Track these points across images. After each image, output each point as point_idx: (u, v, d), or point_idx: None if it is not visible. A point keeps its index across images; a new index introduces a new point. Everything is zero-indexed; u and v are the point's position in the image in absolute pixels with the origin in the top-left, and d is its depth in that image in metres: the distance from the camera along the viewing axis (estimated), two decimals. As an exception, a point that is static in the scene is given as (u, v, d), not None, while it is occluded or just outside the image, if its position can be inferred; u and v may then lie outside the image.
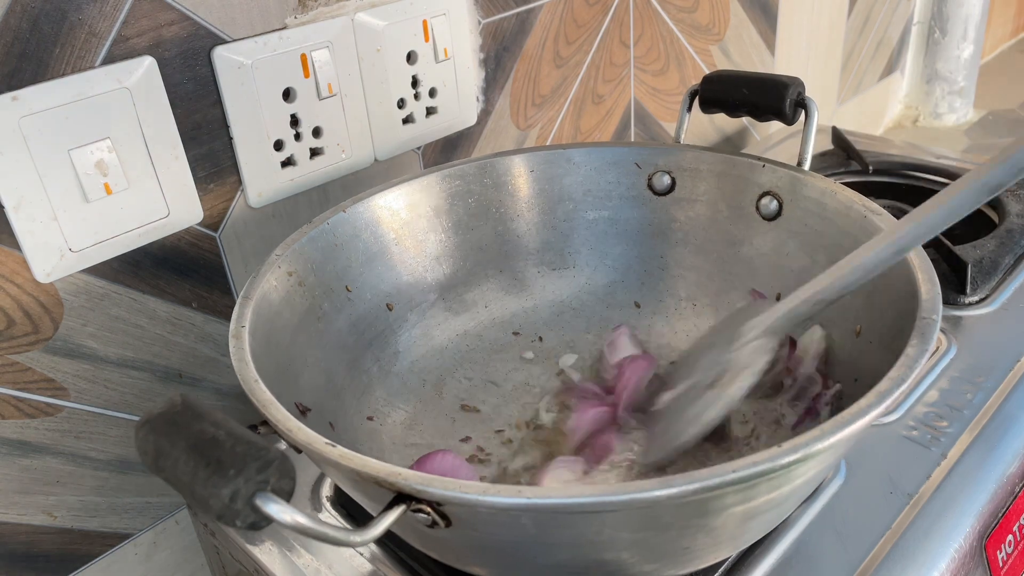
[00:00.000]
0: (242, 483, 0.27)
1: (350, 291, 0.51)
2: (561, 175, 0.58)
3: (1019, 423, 0.50)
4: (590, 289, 0.59)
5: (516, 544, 0.34)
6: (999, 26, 1.69)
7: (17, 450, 0.47)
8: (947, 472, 0.47)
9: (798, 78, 0.53)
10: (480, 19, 0.64)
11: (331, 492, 0.49)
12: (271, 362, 0.41)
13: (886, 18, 1.21)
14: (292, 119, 0.54)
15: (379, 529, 0.30)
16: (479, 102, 0.66)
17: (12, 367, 0.46)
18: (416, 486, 0.30)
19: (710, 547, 0.36)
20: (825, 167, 0.83)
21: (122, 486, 0.52)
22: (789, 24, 1.00)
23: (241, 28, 0.50)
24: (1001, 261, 0.64)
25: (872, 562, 0.42)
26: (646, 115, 0.85)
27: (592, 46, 0.75)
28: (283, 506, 0.28)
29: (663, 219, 0.58)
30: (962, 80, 1.34)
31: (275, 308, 0.45)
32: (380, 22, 0.56)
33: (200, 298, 0.53)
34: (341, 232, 0.51)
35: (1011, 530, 0.48)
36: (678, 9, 0.83)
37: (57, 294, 0.46)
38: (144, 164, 0.47)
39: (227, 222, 0.53)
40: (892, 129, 1.37)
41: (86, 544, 0.52)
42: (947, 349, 0.56)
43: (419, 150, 0.63)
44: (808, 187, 0.51)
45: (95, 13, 0.44)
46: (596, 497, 0.29)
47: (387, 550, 0.45)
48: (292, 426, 0.34)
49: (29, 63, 0.42)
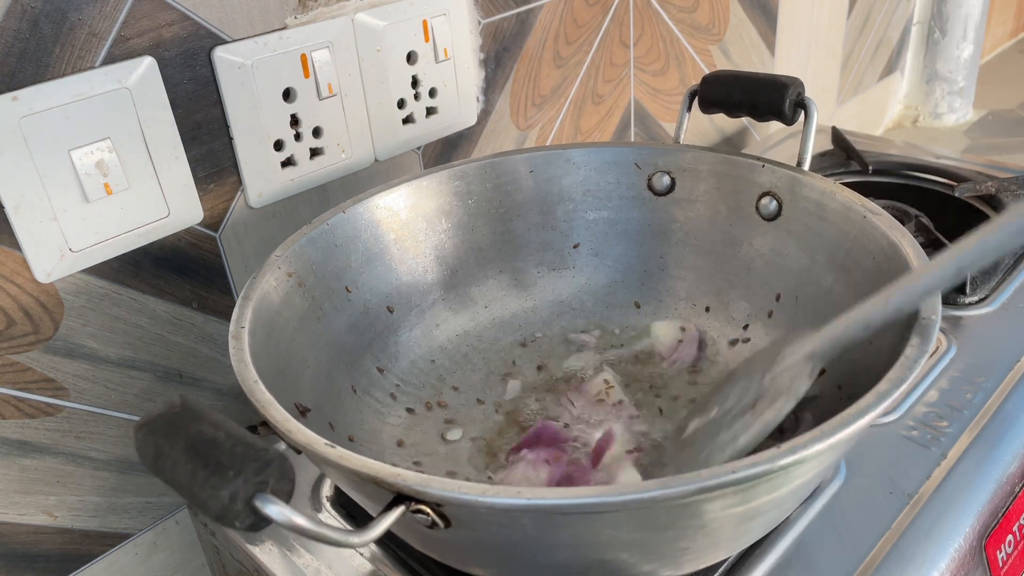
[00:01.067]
0: (241, 484, 0.27)
1: (350, 292, 0.51)
2: (561, 175, 0.58)
3: (1019, 423, 0.50)
4: (590, 289, 0.59)
5: (516, 544, 0.34)
6: (999, 26, 1.68)
7: (17, 450, 0.47)
8: (947, 472, 0.47)
9: (797, 78, 0.53)
10: (480, 19, 0.64)
11: (331, 492, 0.49)
12: (271, 363, 0.41)
13: (886, 18, 1.21)
14: (292, 119, 0.54)
15: (378, 530, 0.30)
16: (479, 102, 0.66)
17: (12, 367, 0.46)
18: (415, 487, 0.30)
19: (709, 547, 0.36)
20: (825, 167, 0.83)
21: (122, 486, 0.52)
22: (789, 24, 1.00)
23: (241, 28, 0.50)
24: (1001, 261, 0.64)
25: (872, 562, 0.42)
26: (646, 115, 0.85)
27: (592, 46, 0.75)
28: (282, 507, 0.28)
29: (663, 219, 0.58)
30: (962, 80, 1.34)
31: (275, 309, 0.45)
32: (380, 22, 0.56)
33: (200, 298, 0.53)
34: (341, 233, 0.51)
35: (1011, 530, 0.48)
36: (678, 9, 0.83)
37: (57, 294, 0.46)
38: (144, 164, 0.47)
39: (227, 222, 0.53)
40: (892, 129, 1.38)
41: (86, 544, 0.52)
42: (947, 349, 0.56)
43: (419, 150, 0.63)
44: (808, 187, 0.51)
45: (95, 13, 0.44)
46: (595, 498, 0.29)
47: (387, 550, 0.45)
48: (291, 427, 0.34)
49: (29, 63, 0.42)
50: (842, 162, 0.84)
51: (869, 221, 0.46)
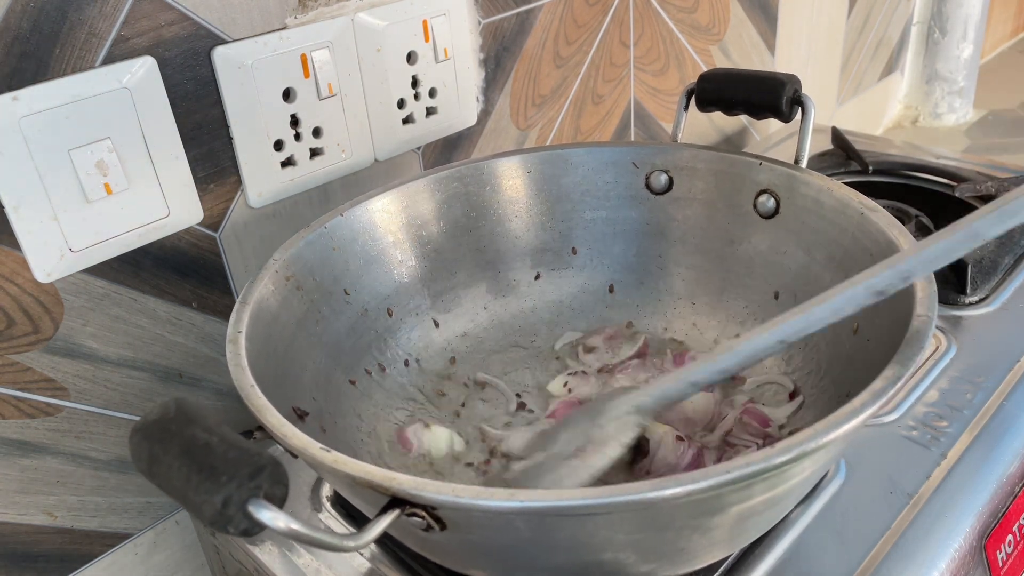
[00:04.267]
0: (234, 489, 0.27)
1: (348, 295, 0.51)
2: (559, 175, 0.58)
3: (1019, 423, 0.50)
4: (589, 289, 0.59)
5: (512, 547, 0.34)
6: (999, 26, 1.68)
7: (17, 450, 0.47)
8: (947, 472, 0.47)
9: (794, 76, 0.53)
10: (480, 19, 0.64)
11: (331, 492, 0.49)
12: (269, 366, 0.41)
13: (886, 18, 1.21)
14: (292, 119, 0.54)
15: (373, 534, 0.30)
16: (479, 102, 0.66)
17: (12, 367, 0.46)
18: (410, 490, 0.30)
19: (708, 547, 0.36)
20: (825, 167, 0.83)
21: (122, 486, 0.53)
22: (789, 24, 1.00)
23: (241, 28, 0.50)
24: (1001, 261, 0.64)
25: (872, 562, 0.42)
26: (646, 115, 0.85)
27: (592, 46, 0.75)
28: (276, 512, 0.28)
29: (661, 218, 0.58)
30: (962, 80, 1.34)
31: (273, 312, 0.45)
32: (380, 22, 0.56)
33: (200, 298, 0.53)
34: (339, 236, 0.51)
35: (1011, 530, 0.48)
36: (678, 9, 0.83)
37: (57, 294, 0.46)
38: (144, 164, 0.47)
39: (227, 222, 0.53)
40: (892, 129, 1.37)
41: (86, 544, 0.52)
42: (947, 349, 0.56)
43: (419, 150, 0.64)
44: (805, 185, 0.51)
45: (95, 13, 0.44)
46: (589, 500, 0.29)
47: (387, 550, 0.45)
48: (287, 431, 0.34)
49: (29, 63, 0.42)
50: (842, 162, 0.84)
51: (866, 218, 0.46)
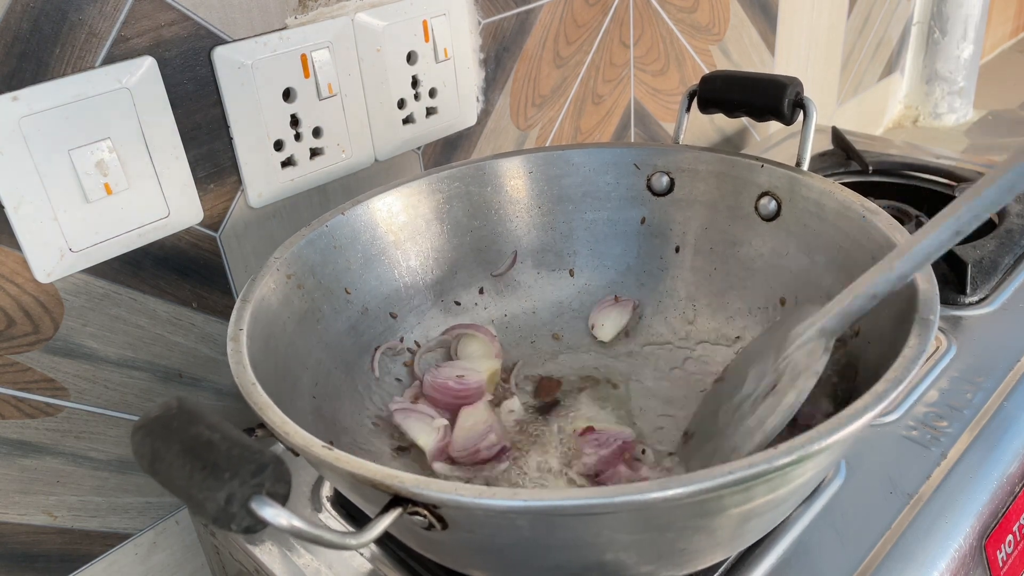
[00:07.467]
0: (237, 486, 0.27)
1: (349, 293, 0.51)
2: (559, 176, 0.58)
3: (1019, 423, 0.50)
4: (590, 290, 0.59)
5: (513, 546, 0.34)
6: (999, 26, 1.68)
7: (17, 450, 0.47)
8: (947, 472, 0.47)
9: (796, 78, 0.53)
10: (480, 19, 0.64)
11: (331, 492, 0.49)
12: (270, 364, 0.41)
13: (886, 18, 1.21)
14: (292, 119, 0.54)
15: (375, 532, 0.30)
16: (479, 102, 0.66)
17: (12, 367, 0.46)
18: (412, 489, 0.30)
19: (709, 548, 0.36)
20: (825, 167, 0.83)
21: (122, 486, 0.53)
22: (789, 24, 1.00)
23: (241, 28, 0.50)
24: (1001, 261, 0.64)
25: (872, 562, 0.42)
26: (646, 115, 0.85)
27: (592, 46, 0.75)
28: (278, 510, 0.28)
29: (662, 220, 0.58)
30: (962, 80, 1.34)
31: (274, 311, 0.45)
32: (380, 22, 0.56)
33: (200, 298, 0.53)
34: (340, 234, 0.51)
35: (1011, 530, 0.48)
36: (678, 9, 0.83)
37: (57, 294, 0.46)
38: (144, 164, 0.47)
39: (227, 222, 0.53)
40: (892, 129, 1.37)
41: (86, 544, 0.52)
42: (947, 349, 0.56)
43: (419, 150, 0.64)
44: (807, 187, 0.51)
45: (95, 13, 0.44)
46: (591, 500, 0.29)
47: (387, 550, 0.45)
48: (289, 429, 0.34)
49: (29, 63, 0.42)
50: (842, 162, 0.84)
51: (868, 221, 0.46)
